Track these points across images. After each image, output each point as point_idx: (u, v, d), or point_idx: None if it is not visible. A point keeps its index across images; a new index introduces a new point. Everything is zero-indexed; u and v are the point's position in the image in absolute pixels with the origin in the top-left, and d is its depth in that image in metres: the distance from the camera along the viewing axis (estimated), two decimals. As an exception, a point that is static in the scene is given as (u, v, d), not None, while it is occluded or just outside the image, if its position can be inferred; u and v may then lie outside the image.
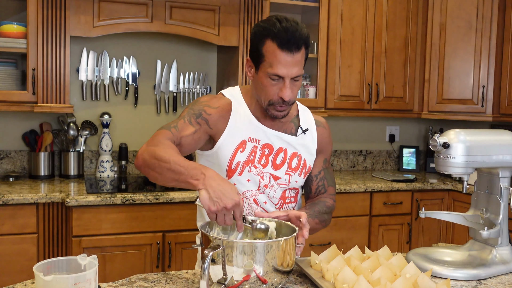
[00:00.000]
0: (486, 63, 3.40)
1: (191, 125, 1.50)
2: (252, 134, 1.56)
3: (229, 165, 1.53)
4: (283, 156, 1.59)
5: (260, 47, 1.45)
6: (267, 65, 1.45)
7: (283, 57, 1.42)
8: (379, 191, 3.19)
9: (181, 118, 1.52)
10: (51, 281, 1.04)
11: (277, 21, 1.43)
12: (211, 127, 1.53)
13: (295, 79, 1.46)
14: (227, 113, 1.55)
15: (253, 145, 1.55)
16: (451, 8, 3.46)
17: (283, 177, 1.59)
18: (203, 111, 1.53)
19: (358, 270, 1.33)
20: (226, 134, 1.53)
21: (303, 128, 1.63)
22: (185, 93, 3.38)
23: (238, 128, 1.54)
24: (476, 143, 1.48)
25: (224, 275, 1.19)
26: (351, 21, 3.37)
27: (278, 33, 1.41)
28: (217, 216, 1.23)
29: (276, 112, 1.51)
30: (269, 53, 1.43)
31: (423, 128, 4.08)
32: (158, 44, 3.31)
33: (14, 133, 3.06)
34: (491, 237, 1.53)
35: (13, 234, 2.50)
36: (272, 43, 1.42)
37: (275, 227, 1.38)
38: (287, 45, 1.41)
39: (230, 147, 1.54)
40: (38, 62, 2.70)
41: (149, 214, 2.65)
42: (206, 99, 1.57)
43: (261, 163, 1.56)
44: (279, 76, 1.44)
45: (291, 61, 1.43)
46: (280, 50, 1.42)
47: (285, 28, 1.41)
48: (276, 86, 1.47)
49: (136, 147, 3.31)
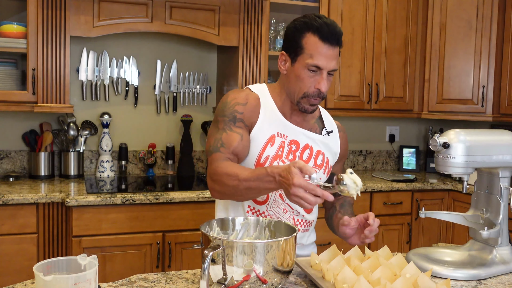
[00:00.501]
0: (486, 63, 3.40)
1: (234, 133, 1.53)
2: (280, 129, 1.59)
3: (258, 158, 1.56)
4: (309, 153, 1.63)
5: (300, 39, 1.51)
6: (306, 56, 1.50)
7: (324, 49, 1.48)
8: (379, 191, 3.19)
9: (220, 131, 1.55)
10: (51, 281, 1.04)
11: (316, 17, 1.51)
12: (247, 125, 1.57)
13: (330, 73, 1.52)
14: (256, 107, 1.58)
15: (281, 140, 1.59)
16: (451, 8, 3.46)
17: None
18: (236, 112, 1.55)
19: (358, 270, 1.33)
20: (258, 128, 1.57)
21: (327, 130, 1.69)
22: (185, 93, 3.38)
23: (268, 122, 1.58)
24: (476, 143, 1.48)
25: (224, 275, 1.19)
26: (351, 21, 3.37)
27: (320, 27, 1.48)
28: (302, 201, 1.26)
29: (308, 106, 1.56)
30: (310, 45, 1.49)
31: (423, 128, 4.08)
32: (158, 44, 3.31)
33: (14, 133, 3.06)
34: (491, 237, 1.53)
35: (13, 234, 2.50)
36: (313, 35, 1.49)
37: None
38: (329, 38, 1.48)
39: (261, 141, 1.57)
40: (38, 62, 2.70)
41: (149, 214, 2.65)
42: (233, 97, 1.59)
43: (289, 158, 1.59)
44: (317, 68, 1.50)
45: (331, 54, 1.50)
46: (322, 43, 1.48)
47: (326, 23, 1.49)
48: (313, 78, 1.52)
49: (136, 147, 3.31)
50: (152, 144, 3.29)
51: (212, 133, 1.58)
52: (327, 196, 1.25)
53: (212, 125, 1.60)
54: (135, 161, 3.31)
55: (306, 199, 1.25)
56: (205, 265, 1.13)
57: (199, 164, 3.46)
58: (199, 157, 3.46)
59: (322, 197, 1.25)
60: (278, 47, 3.32)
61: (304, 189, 1.24)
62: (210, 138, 1.57)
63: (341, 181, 1.28)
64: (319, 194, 1.24)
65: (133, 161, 3.30)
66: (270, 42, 3.29)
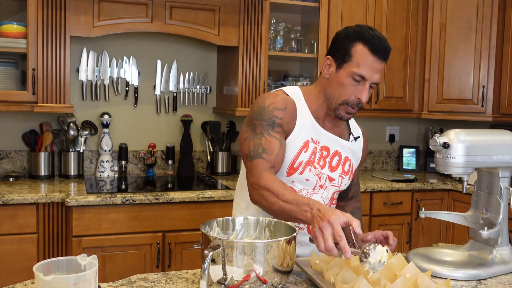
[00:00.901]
0: (486, 63, 3.40)
1: (273, 139, 1.51)
2: (314, 135, 1.60)
3: (292, 163, 1.57)
4: (338, 159, 1.65)
5: (350, 47, 1.52)
6: (353, 65, 1.51)
7: (372, 61, 1.50)
8: (379, 191, 3.19)
9: (258, 135, 1.52)
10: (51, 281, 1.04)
11: (369, 29, 1.52)
12: (285, 130, 1.56)
13: (372, 85, 1.54)
14: (294, 113, 1.58)
15: (314, 146, 1.60)
16: (451, 8, 3.46)
17: (337, 179, 1.65)
18: (275, 117, 1.53)
19: (358, 270, 1.33)
20: (295, 134, 1.57)
21: (354, 136, 1.71)
22: (185, 93, 3.38)
23: (304, 128, 1.58)
24: (476, 143, 1.48)
25: (224, 275, 1.19)
26: (351, 21, 3.37)
27: (371, 39, 1.50)
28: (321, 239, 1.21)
29: (344, 113, 1.57)
30: (359, 55, 1.50)
31: (423, 128, 4.08)
32: (158, 44, 3.31)
33: (14, 133, 3.06)
34: (491, 237, 1.53)
35: (13, 234, 2.50)
36: (363, 46, 1.50)
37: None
38: (378, 52, 1.50)
39: (296, 146, 1.57)
40: (38, 62, 2.70)
41: (149, 214, 2.65)
42: (271, 101, 1.56)
43: (320, 164, 1.60)
44: (362, 78, 1.51)
45: (377, 67, 1.51)
46: (371, 54, 1.50)
47: (378, 37, 1.51)
48: (355, 87, 1.53)
49: (136, 147, 3.31)
50: (152, 144, 3.29)
51: (248, 136, 1.54)
52: (346, 251, 1.17)
53: (247, 128, 1.56)
54: (135, 161, 3.31)
55: (326, 240, 1.19)
56: (205, 265, 1.13)
57: (199, 164, 3.46)
58: (199, 157, 3.46)
59: (342, 249, 1.18)
60: (278, 47, 3.32)
61: (332, 231, 1.20)
62: (247, 141, 1.53)
63: (367, 256, 1.18)
64: (342, 244, 1.18)
65: (133, 161, 3.30)
66: (270, 42, 3.29)
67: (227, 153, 3.35)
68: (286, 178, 1.58)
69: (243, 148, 1.55)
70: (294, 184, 1.59)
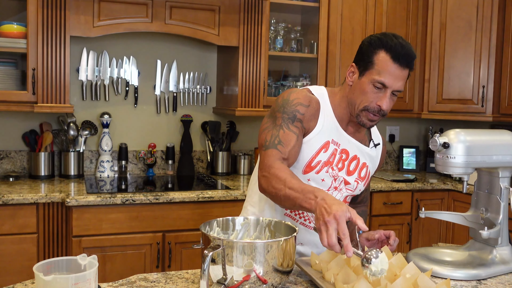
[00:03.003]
0: (486, 63, 3.40)
1: (291, 133, 1.52)
2: (335, 137, 1.61)
3: (310, 161, 1.57)
4: (356, 164, 1.65)
5: (372, 55, 1.53)
6: (375, 72, 1.51)
7: (393, 69, 1.49)
8: (379, 191, 3.19)
9: (277, 127, 1.53)
10: (51, 281, 1.04)
11: (393, 37, 1.53)
12: (304, 127, 1.56)
13: (394, 93, 1.53)
14: (317, 112, 1.58)
15: (334, 147, 1.60)
16: (451, 8, 3.46)
17: (352, 183, 1.65)
18: (297, 112, 1.54)
19: (358, 270, 1.33)
20: (315, 133, 1.57)
21: (374, 142, 1.71)
22: (185, 93, 3.38)
23: (326, 128, 1.59)
24: (476, 143, 1.48)
25: (224, 275, 1.19)
26: (351, 21, 3.37)
27: (394, 47, 1.50)
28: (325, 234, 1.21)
29: (366, 120, 1.57)
30: (381, 62, 1.51)
31: (423, 128, 4.08)
32: (158, 44, 3.31)
33: (14, 133, 3.06)
34: (491, 237, 1.53)
35: (13, 234, 2.50)
36: (385, 54, 1.50)
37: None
38: (400, 60, 1.49)
39: (316, 145, 1.57)
40: (38, 62, 2.70)
41: (149, 214, 2.65)
42: (295, 96, 1.58)
43: (338, 166, 1.61)
44: (383, 85, 1.51)
45: (399, 74, 1.50)
46: (392, 62, 1.49)
47: (401, 44, 1.51)
48: (376, 94, 1.53)
49: (136, 147, 3.31)
50: (152, 144, 3.29)
51: (268, 127, 1.56)
52: (348, 250, 1.17)
53: (268, 119, 1.58)
54: (135, 161, 3.31)
55: (330, 236, 1.19)
56: (205, 265, 1.13)
57: (199, 164, 3.46)
58: (199, 157, 3.46)
59: (344, 247, 1.18)
60: (278, 47, 3.32)
61: (337, 227, 1.19)
62: (265, 132, 1.55)
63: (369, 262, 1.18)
64: (344, 243, 1.17)
65: (133, 161, 3.30)
66: (270, 42, 3.29)
67: (227, 153, 3.35)
68: (302, 176, 1.58)
69: (260, 138, 1.57)
70: (309, 182, 1.59)
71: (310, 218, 1.62)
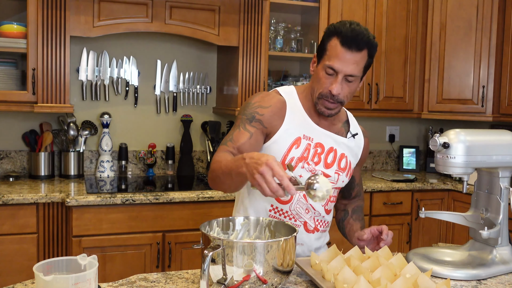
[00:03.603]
0: (486, 63, 3.40)
1: (245, 131, 1.55)
2: (306, 132, 1.61)
3: (283, 159, 1.58)
4: (333, 156, 1.65)
5: (326, 43, 1.55)
6: (326, 58, 1.53)
7: (342, 53, 1.50)
8: (379, 191, 3.19)
9: (235, 128, 1.58)
10: (51, 281, 1.04)
11: (348, 23, 1.53)
12: (265, 126, 1.58)
13: (348, 78, 1.53)
14: (280, 111, 1.60)
15: (307, 142, 1.61)
16: (451, 8, 3.46)
17: (332, 176, 1.65)
18: (256, 113, 1.58)
19: (358, 270, 1.33)
20: (282, 131, 1.59)
21: (352, 133, 1.71)
22: (185, 93, 3.38)
23: (294, 125, 1.60)
24: (476, 143, 1.48)
25: (224, 275, 1.19)
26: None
27: (345, 32, 1.50)
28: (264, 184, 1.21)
29: (324, 108, 1.58)
30: (332, 48, 1.52)
31: (423, 128, 4.08)
32: (158, 44, 3.31)
33: (14, 133, 3.06)
34: (491, 237, 1.53)
35: (13, 234, 2.50)
36: (336, 39, 1.52)
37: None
38: (348, 43, 1.49)
39: (286, 142, 1.59)
40: (38, 62, 2.70)
41: (149, 214, 2.65)
42: (257, 99, 1.62)
43: (314, 160, 1.61)
44: (334, 70, 1.52)
45: (349, 58, 1.50)
46: (341, 46, 1.50)
47: (352, 29, 1.50)
48: (329, 80, 1.54)
49: (136, 147, 3.31)
50: (152, 144, 3.29)
51: (230, 130, 1.62)
52: (290, 189, 1.19)
53: (234, 123, 1.64)
54: (135, 161, 3.31)
55: (270, 184, 1.20)
56: (205, 265, 1.13)
57: (199, 164, 3.46)
58: (199, 157, 3.46)
59: (286, 188, 1.19)
60: (278, 47, 3.32)
61: (273, 173, 1.20)
62: (227, 134, 1.61)
63: (313, 188, 1.21)
64: (285, 184, 1.19)
65: (133, 161, 3.30)
66: (270, 42, 3.29)
67: (227, 153, 3.34)
68: None
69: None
70: None
71: (295, 216, 1.62)
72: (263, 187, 1.21)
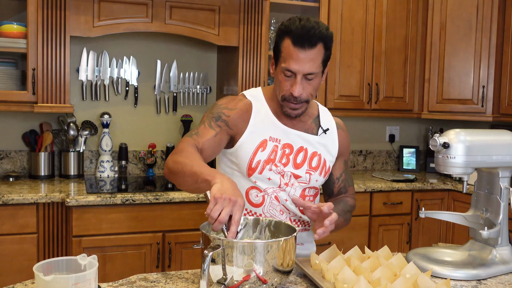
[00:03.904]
0: (486, 63, 3.40)
1: (211, 129, 1.55)
2: (273, 133, 1.60)
3: (250, 163, 1.57)
4: (304, 155, 1.63)
5: (280, 43, 1.52)
6: (282, 60, 1.51)
7: (295, 53, 1.47)
8: (379, 191, 3.19)
9: (201, 123, 1.57)
10: (51, 281, 1.04)
11: (298, 19, 1.49)
12: (231, 128, 1.57)
13: (307, 77, 1.50)
14: (246, 113, 1.59)
15: (274, 144, 1.59)
16: (451, 8, 3.46)
17: (303, 176, 1.62)
18: (222, 114, 1.58)
19: (358, 270, 1.33)
20: (247, 134, 1.57)
21: (323, 128, 1.68)
22: (185, 93, 3.38)
23: (259, 127, 1.59)
24: (476, 143, 1.48)
25: (224, 275, 1.19)
26: (351, 21, 3.37)
27: (294, 31, 1.47)
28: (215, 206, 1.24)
29: (289, 110, 1.56)
30: (285, 49, 1.49)
31: (423, 128, 4.08)
32: (158, 44, 3.31)
33: (14, 133, 3.06)
34: (491, 237, 1.53)
35: (13, 234, 2.50)
36: (288, 40, 1.48)
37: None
38: (300, 42, 1.46)
39: (251, 146, 1.57)
40: (38, 62, 2.70)
41: (149, 214, 2.65)
42: (224, 101, 1.62)
43: (282, 162, 1.59)
44: (291, 72, 1.49)
45: (304, 57, 1.47)
46: (293, 46, 1.47)
47: (302, 26, 1.46)
48: (289, 81, 1.52)
49: (136, 147, 3.31)
50: (152, 144, 3.29)
51: (197, 126, 1.61)
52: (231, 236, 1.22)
53: (201, 120, 1.62)
54: (135, 161, 3.31)
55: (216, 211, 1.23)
56: (205, 265, 1.13)
57: (199, 164, 3.45)
58: (199, 157, 3.46)
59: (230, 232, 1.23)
60: (278, 47, 3.31)
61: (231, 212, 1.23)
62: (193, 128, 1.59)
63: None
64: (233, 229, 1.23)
65: (133, 161, 3.30)
66: (270, 42, 3.28)
67: (227, 153, 3.34)
68: (248, 179, 1.58)
69: None
70: (257, 184, 1.58)
71: (264, 214, 1.60)
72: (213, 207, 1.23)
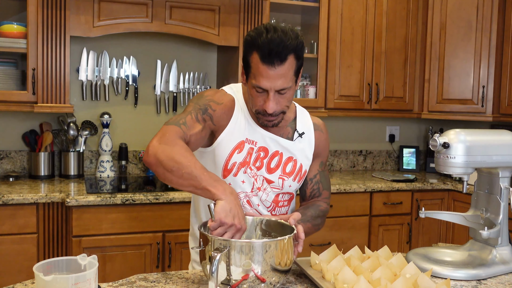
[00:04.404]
0: (486, 63, 3.40)
1: (198, 122, 1.46)
2: (250, 135, 1.54)
3: (226, 164, 1.52)
4: (278, 160, 1.57)
5: (248, 57, 1.43)
6: (252, 76, 1.43)
7: (264, 70, 1.39)
8: (379, 191, 3.19)
9: (187, 113, 1.47)
10: (51, 281, 1.04)
11: (265, 30, 1.39)
12: (214, 124, 1.50)
13: (280, 92, 1.43)
14: (230, 110, 1.53)
15: (249, 146, 1.54)
16: (451, 8, 3.46)
17: (276, 181, 1.57)
18: (209, 107, 1.50)
19: (358, 270, 1.33)
20: (226, 133, 1.52)
21: (299, 132, 1.61)
22: (185, 93, 3.38)
23: (238, 127, 1.53)
24: (476, 143, 1.48)
25: (228, 276, 1.18)
26: (351, 21, 3.37)
27: (261, 45, 1.37)
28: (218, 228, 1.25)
29: (266, 121, 1.50)
30: (254, 65, 1.41)
31: (423, 128, 4.08)
32: (158, 44, 3.31)
33: (14, 133, 3.06)
34: (491, 237, 1.53)
35: (13, 234, 2.50)
36: (256, 55, 1.39)
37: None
38: (269, 59, 1.37)
39: (228, 146, 1.52)
40: (38, 62, 2.70)
41: (149, 214, 2.65)
42: (210, 93, 1.54)
43: (256, 165, 1.54)
44: (262, 89, 1.42)
45: (274, 74, 1.39)
46: (262, 63, 1.38)
47: (269, 39, 1.37)
48: (261, 97, 1.44)
49: (136, 147, 3.31)
50: (152, 144, 3.29)
51: (177, 114, 1.52)
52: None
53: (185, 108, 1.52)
54: (135, 161, 3.31)
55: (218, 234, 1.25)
56: (213, 268, 1.12)
57: (199, 164, 3.45)
58: (199, 157, 3.46)
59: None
60: (278, 47, 3.31)
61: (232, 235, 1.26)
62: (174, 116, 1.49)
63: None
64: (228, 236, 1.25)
65: (133, 161, 3.30)
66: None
67: (227, 153, 3.34)
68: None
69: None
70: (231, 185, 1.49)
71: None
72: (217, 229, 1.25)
